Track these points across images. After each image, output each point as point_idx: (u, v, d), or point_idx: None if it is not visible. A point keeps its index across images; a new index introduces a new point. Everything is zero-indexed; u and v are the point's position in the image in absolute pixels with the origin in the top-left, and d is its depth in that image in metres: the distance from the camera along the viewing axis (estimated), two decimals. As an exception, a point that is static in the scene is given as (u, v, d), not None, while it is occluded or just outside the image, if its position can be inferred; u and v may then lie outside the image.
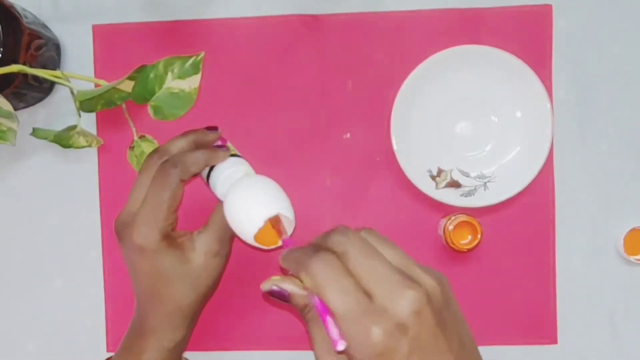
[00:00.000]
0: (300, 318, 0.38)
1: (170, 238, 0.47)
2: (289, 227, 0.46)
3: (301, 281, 0.35)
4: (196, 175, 0.49)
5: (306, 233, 0.58)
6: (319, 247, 0.35)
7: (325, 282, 0.33)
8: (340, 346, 0.32)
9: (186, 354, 0.59)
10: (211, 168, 0.50)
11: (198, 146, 0.50)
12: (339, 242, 0.35)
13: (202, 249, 0.48)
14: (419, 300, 0.32)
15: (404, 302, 0.32)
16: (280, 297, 0.38)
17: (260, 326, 0.59)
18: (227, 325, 0.59)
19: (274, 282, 0.38)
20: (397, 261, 0.34)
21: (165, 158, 0.49)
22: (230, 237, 0.49)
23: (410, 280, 0.33)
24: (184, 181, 0.48)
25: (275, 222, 0.45)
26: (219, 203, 0.50)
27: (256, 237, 0.45)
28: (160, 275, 0.47)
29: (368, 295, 0.33)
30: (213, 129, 0.52)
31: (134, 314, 0.50)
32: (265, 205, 0.45)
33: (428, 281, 0.34)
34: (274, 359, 0.59)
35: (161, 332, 0.48)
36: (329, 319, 0.33)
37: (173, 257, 0.47)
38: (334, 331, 0.32)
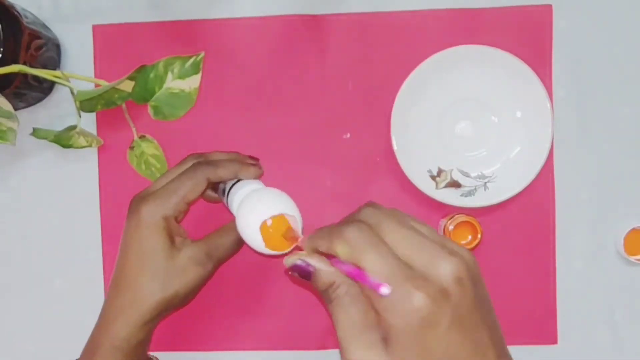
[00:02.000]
0: (320, 299, 0.37)
1: (169, 227, 0.48)
2: (297, 226, 0.45)
3: (328, 258, 0.34)
4: (223, 182, 0.51)
5: (306, 233, 0.58)
6: (350, 220, 0.35)
7: (364, 246, 0.32)
8: (385, 289, 0.31)
9: (185, 354, 0.59)
10: (230, 187, 0.50)
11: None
12: (372, 214, 0.34)
13: (187, 253, 0.48)
14: (460, 268, 0.32)
15: (445, 269, 0.32)
16: (304, 274, 0.36)
17: (260, 326, 0.59)
18: (227, 325, 0.59)
19: (300, 256, 0.36)
20: (431, 234, 0.34)
21: (201, 159, 0.51)
22: (218, 258, 0.50)
23: (448, 249, 0.32)
24: (209, 182, 0.49)
25: (280, 223, 0.44)
26: (223, 225, 0.51)
27: (265, 242, 0.44)
28: (139, 257, 0.47)
29: (406, 263, 0.32)
30: (255, 159, 0.53)
31: None
32: (267, 206, 0.45)
33: (465, 252, 0.33)
34: (274, 359, 0.59)
35: (114, 327, 0.47)
36: (369, 278, 0.32)
37: (160, 245, 0.47)
38: (374, 279, 0.31)
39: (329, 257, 0.35)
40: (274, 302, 0.59)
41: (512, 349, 0.58)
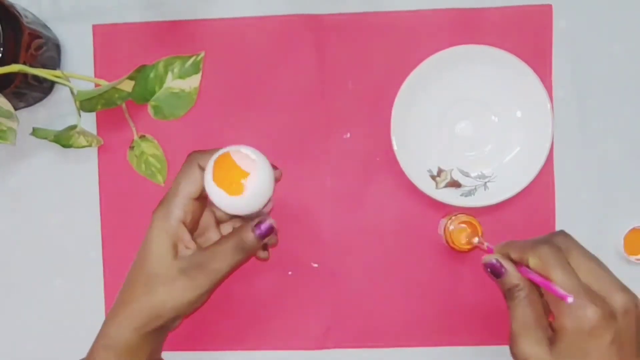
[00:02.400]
0: (503, 296, 0.43)
1: (175, 229, 0.45)
2: (251, 164, 0.44)
3: (517, 265, 0.42)
4: None
5: (306, 232, 0.59)
6: (544, 241, 0.42)
7: (554, 263, 0.40)
8: (570, 299, 0.38)
9: (187, 354, 0.59)
10: None
11: None
12: (563, 240, 0.42)
13: (179, 263, 0.45)
14: (630, 303, 0.39)
15: (618, 298, 0.39)
16: (496, 272, 0.43)
17: (260, 326, 0.59)
18: (227, 325, 0.59)
19: (497, 257, 0.43)
20: (609, 271, 0.41)
21: None
22: (213, 270, 0.45)
23: (623, 286, 0.40)
24: (203, 169, 0.46)
25: (226, 159, 0.43)
26: (233, 234, 0.48)
27: (213, 177, 0.43)
28: (139, 262, 0.46)
29: (586, 285, 0.39)
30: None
31: None
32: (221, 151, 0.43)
33: (634, 294, 0.40)
34: (274, 358, 0.59)
35: (106, 326, 0.46)
36: (554, 287, 0.39)
37: (160, 245, 0.45)
38: (560, 289, 0.38)
39: (517, 265, 0.43)
40: (274, 302, 0.59)
41: (512, 349, 0.58)
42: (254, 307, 0.59)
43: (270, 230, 0.46)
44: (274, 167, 0.47)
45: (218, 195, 0.44)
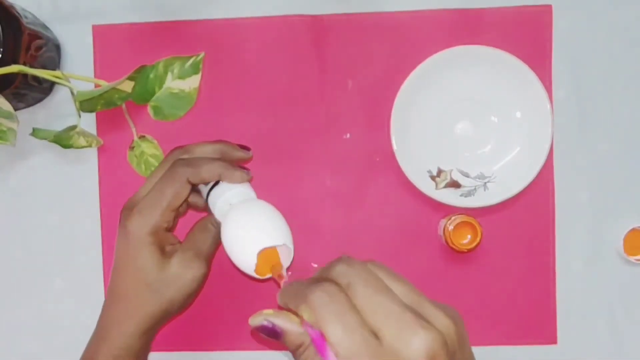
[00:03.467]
0: (292, 358, 0.34)
1: (159, 237, 0.47)
2: (287, 257, 0.45)
3: (298, 316, 0.32)
4: (206, 183, 0.49)
5: (306, 233, 0.59)
6: (320, 278, 0.32)
7: (328, 315, 0.29)
8: None
9: (186, 354, 0.59)
10: (213, 185, 0.49)
11: (222, 158, 0.50)
12: (343, 273, 0.31)
13: (177, 260, 0.47)
14: (434, 343, 0.28)
15: (416, 346, 0.28)
16: (271, 335, 0.33)
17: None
18: (227, 325, 0.59)
19: (266, 317, 0.33)
20: (407, 297, 0.31)
21: (185, 156, 0.49)
22: (206, 254, 0.49)
23: (423, 319, 0.29)
24: (192, 184, 0.47)
25: (271, 254, 0.44)
26: (199, 220, 0.50)
27: (256, 269, 0.44)
28: (132, 272, 0.47)
29: (375, 334, 0.29)
30: (246, 148, 0.52)
31: None
32: (262, 235, 0.44)
33: (442, 320, 0.30)
34: (274, 358, 0.59)
35: (111, 336, 0.47)
36: (330, 354, 0.29)
37: (150, 259, 0.46)
38: (330, 355, 0.29)
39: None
40: (273, 302, 0.59)
41: (512, 349, 0.59)
42: (254, 307, 0.59)
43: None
44: (243, 171, 0.49)
45: (243, 268, 0.45)
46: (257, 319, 0.33)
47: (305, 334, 0.32)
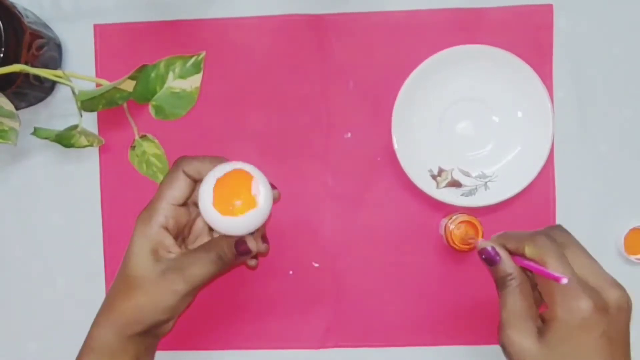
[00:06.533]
0: (495, 285, 0.43)
1: (156, 238, 0.45)
2: (263, 188, 0.44)
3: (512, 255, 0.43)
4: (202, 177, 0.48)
5: (307, 232, 0.59)
6: (541, 232, 0.42)
7: (550, 253, 0.40)
8: (565, 280, 0.38)
9: (186, 354, 0.59)
10: None
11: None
12: (560, 234, 0.43)
13: (158, 268, 0.45)
14: (623, 299, 0.39)
15: (612, 294, 0.39)
16: (490, 259, 0.43)
17: (260, 326, 0.59)
18: (227, 325, 0.59)
19: (492, 244, 0.43)
20: (602, 268, 0.41)
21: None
22: (192, 275, 0.45)
23: (617, 283, 0.40)
24: (189, 176, 0.47)
25: (232, 182, 0.43)
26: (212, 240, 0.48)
27: (214, 202, 0.43)
28: (122, 266, 0.46)
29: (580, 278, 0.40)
30: None
31: None
32: (216, 172, 0.43)
33: (626, 292, 0.40)
34: (274, 358, 0.59)
35: (92, 328, 0.46)
36: (548, 268, 0.40)
37: (139, 257, 0.45)
38: (556, 272, 0.39)
39: (512, 255, 0.43)
40: (273, 302, 0.59)
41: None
42: (254, 307, 0.59)
43: (249, 253, 0.46)
44: (273, 187, 0.47)
45: (214, 217, 0.44)
46: (486, 244, 0.43)
47: (515, 267, 0.42)
